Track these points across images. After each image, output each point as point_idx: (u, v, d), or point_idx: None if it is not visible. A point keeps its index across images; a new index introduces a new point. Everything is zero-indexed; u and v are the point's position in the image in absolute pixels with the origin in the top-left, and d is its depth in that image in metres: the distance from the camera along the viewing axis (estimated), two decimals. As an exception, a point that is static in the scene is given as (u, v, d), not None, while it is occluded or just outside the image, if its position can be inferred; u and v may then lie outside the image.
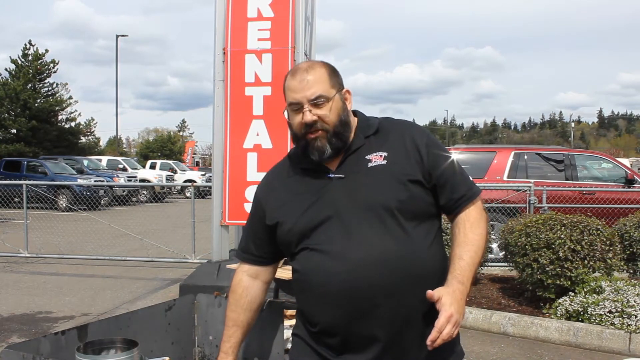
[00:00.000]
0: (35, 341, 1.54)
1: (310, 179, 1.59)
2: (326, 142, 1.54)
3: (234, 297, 1.73)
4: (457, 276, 1.49)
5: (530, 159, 8.66)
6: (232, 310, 1.72)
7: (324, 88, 1.53)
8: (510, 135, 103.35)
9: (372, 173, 1.53)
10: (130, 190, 17.88)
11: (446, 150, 1.62)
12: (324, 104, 1.53)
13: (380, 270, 1.46)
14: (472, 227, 1.57)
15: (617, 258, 5.21)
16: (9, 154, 24.78)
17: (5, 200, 10.91)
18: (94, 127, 34.94)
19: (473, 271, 1.53)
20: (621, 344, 4.40)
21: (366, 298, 1.47)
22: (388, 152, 1.55)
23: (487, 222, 1.62)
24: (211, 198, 5.80)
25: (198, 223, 7.99)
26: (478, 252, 1.55)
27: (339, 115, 1.55)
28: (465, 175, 1.62)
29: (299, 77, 1.54)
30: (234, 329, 1.71)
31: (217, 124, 5.71)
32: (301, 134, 1.56)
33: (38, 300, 6.01)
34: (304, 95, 1.52)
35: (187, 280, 5.75)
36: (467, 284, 1.50)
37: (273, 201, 1.65)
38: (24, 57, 28.85)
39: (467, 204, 1.59)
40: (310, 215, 1.54)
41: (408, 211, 1.51)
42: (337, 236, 1.50)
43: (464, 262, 1.51)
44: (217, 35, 5.71)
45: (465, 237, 1.56)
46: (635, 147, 71.50)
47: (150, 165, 28.71)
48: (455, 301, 1.43)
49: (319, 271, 1.51)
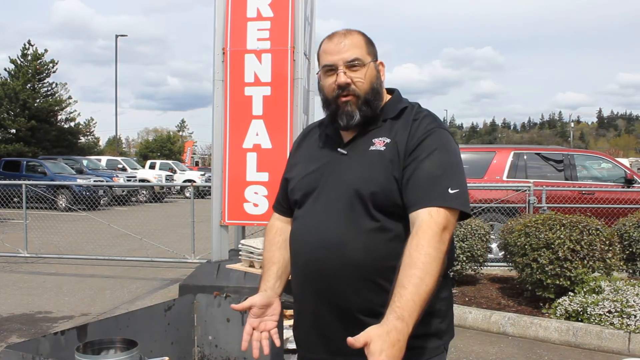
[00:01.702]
0: (34, 341, 1.54)
1: (324, 147, 1.61)
2: (356, 108, 1.52)
3: (267, 238, 1.73)
4: (396, 310, 1.24)
5: (529, 159, 8.66)
6: (267, 250, 1.70)
7: (361, 53, 1.53)
8: (509, 135, 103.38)
9: (368, 157, 1.51)
10: (130, 190, 17.87)
11: (442, 153, 1.46)
12: (359, 68, 1.52)
13: (331, 256, 1.45)
14: (418, 245, 1.31)
15: (616, 258, 5.21)
16: (8, 153, 24.78)
17: (5, 200, 10.91)
18: (94, 127, 34.99)
19: (418, 303, 1.26)
20: (620, 344, 4.40)
21: (314, 279, 1.50)
22: (391, 140, 1.51)
23: (442, 242, 1.33)
24: (210, 198, 5.80)
25: (197, 223, 7.99)
26: (425, 279, 1.27)
27: (372, 82, 1.54)
28: (443, 185, 1.40)
29: (336, 40, 1.54)
30: (269, 265, 1.66)
31: (217, 123, 5.71)
32: (332, 97, 1.55)
33: (37, 300, 6.01)
34: (341, 57, 1.52)
35: (186, 280, 5.75)
36: (408, 320, 1.24)
37: (294, 157, 1.71)
38: (23, 57, 28.83)
39: (417, 208, 1.38)
40: (305, 182, 1.58)
41: (380, 203, 1.45)
42: (315, 211, 1.53)
43: (406, 292, 1.26)
44: (217, 35, 5.71)
45: (410, 257, 1.31)
46: (634, 147, 71.59)
47: (149, 165, 28.70)
48: (389, 346, 1.19)
49: (294, 241, 1.59)
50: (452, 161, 1.46)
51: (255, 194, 5.57)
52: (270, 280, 1.64)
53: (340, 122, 1.54)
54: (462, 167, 1.49)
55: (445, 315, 1.55)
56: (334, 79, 1.53)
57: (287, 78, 5.50)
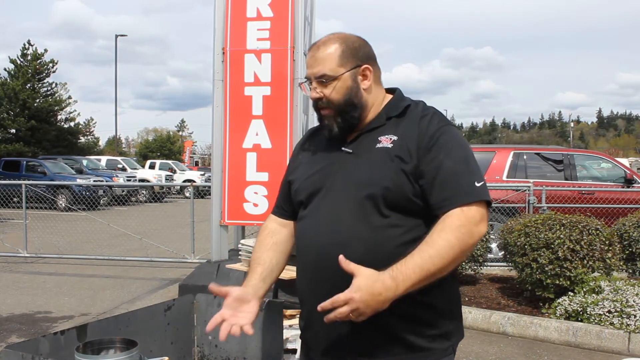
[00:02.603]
0: (34, 341, 1.54)
1: (328, 147, 1.60)
2: (333, 120, 1.54)
3: (258, 239, 1.72)
4: (393, 269, 1.31)
5: (529, 158, 8.67)
6: (255, 250, 1.69)
7: (330, 67, 1.52)
8: (509, 135, 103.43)
9: (375, 154, 1.50)
10: (130, 190, 17.89)
11: (458, 148, 1.47)
12: (329, 82, 1.52)
13: (339, 253, 1.41)
14: (442, 231, 1.36)
15: (616, 258, 5.22)
16: (8, 153, 24.77)
17: (5, 200, 10.91)
18: (93, 127, 35.02)
19: (418, 274, 1.31)
20: (620, 344, 4.40)
21: (323, 279, 1.48)
22: (398, 137, 1.50)
23: (470, 236, 1.38)
24: (210, 198, 5.80)
25: (197, 223, 7.99)
26: (434, 259, 1.32)
27: (344, 95, 1.52)
28: (467, 180, 1.43)
29: (311, 53, 1.56)
30: (254, 266, 1.65)
31: (217, 123, 5.71)
32: (315, 108, 1.58)
33: (37, 300, 6.01)
34: (312, 72, 1.54)
35: (186, 280, 5.75)
36: (399, 284, 1.30)
37: (296, 160, 1.70)
38: (23, 57, 28.83)
39: (449, 209, 1.40)
40: (310, 182, 1.57)
41: (391, 201, 1.44)
42: (322, 209, 1.52)
43: (411, 262, 1.32)
44: (217, 35, 5.72)
45: (430, 237, 1.36)
46: (634, 147, 71.61)
47: (149, 165, 28.71)
48: (368, 291, 1.27)
49: (301, 241, 1.57)
50: (469, 155, 1.49)
51: (255, 194, 5.57)
52: (252, 279, 1.62)
53: (324, 131, 1.57)
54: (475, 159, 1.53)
55: (454, 317, 1.55)
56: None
57: (286, 78, 5.50)
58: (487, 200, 1.44)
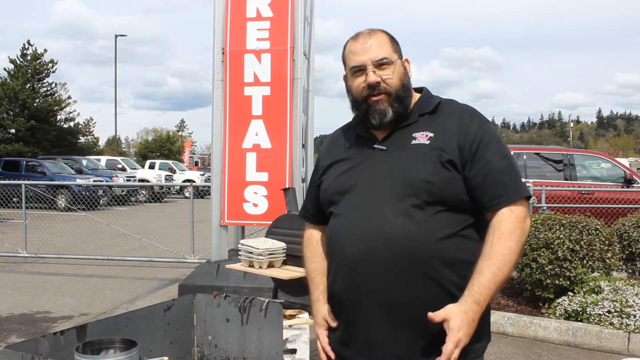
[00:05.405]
0: (34, 341, 1.54)
1: (358, 146, 1.60)
2: (388, 105, 1.53)
3: (310, 249, 1.74)
4: (473, 294, 1.39)
5: (529, 158, 8.67)
6: (312, 261, 1.71)
7: (387, 51, 1.54)
8: (509, 135, 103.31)
9: (412, 151, 1.51)
10: (129, 190, 17.87)
11: (499, 145, 1.51)
12: (387, 66, 1.53)
13: (382, 248, 1.44)
14: (500, 238, 1.42)
15: (615, 258, 5.21)
16: (7, 153, 24.75)
17: (4, 200, 10.91)
18: (93, 127, 34.96)
19: (493, 289, 1.40)
20: (620, 344, 4.40)
21: (365, 274, 1.47)
22: (435, 133, 1.51)
23: (523, 234, 1.46)
24: (210, 198, 5.80)
25: (197, 223, 7.98)
26: (502, 269, 1.40)
27: (401, 79, 1.55)
28: (512, 177, 1.48)
29: (361, 40, 1.56)
30: (320, 277, 1.67)
31: (216, 123, 5.71)
32: (362, 98, 1.56)
33: (37, 300, 6.00)
34: (368, 57, 1.53)
35: (186, 280, 5.75)
36: (483, 304, 1.40)
37: (323, 162, 1.69)
38: (23, 57, 28.79)
39: (501, 207, 1.45)
40: (342, 180, 1.57)
41: (434, 195, 1.45)
42: (358, 206, 1.51)
43: (484, 278, 1.39)
44: (216, 35, 5.72)
45: (491, 249, 1.42)
46: (634, 147, 71.62)
47: (149, 165, 28.71)
48: (466, 324, 1.35)
49: (337, 238, 1.55)
50: (508, 151, 1.54)
51: (255, 194, 5.57)
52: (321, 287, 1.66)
53: (373, 121, 1.55)
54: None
55: (487, 319, 1.56)
56: (363, 79, 1.54)
57: (286, 78, 5.50)
58: (528, 195, 1.50)
